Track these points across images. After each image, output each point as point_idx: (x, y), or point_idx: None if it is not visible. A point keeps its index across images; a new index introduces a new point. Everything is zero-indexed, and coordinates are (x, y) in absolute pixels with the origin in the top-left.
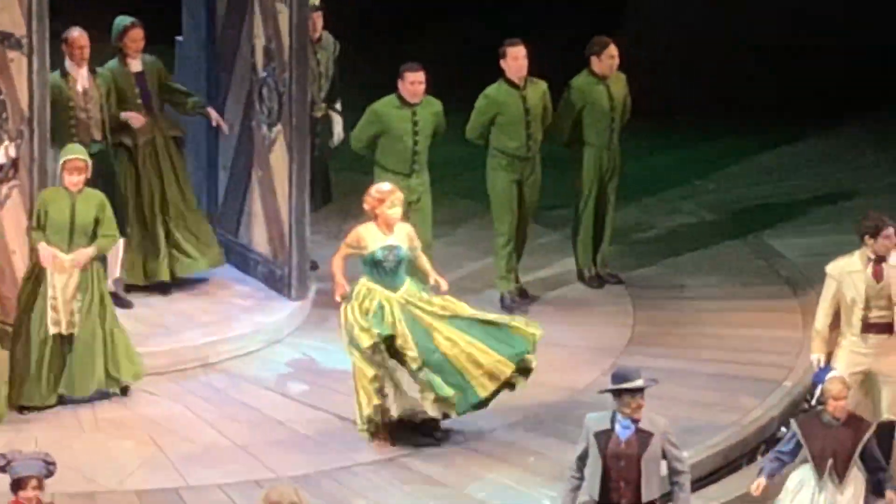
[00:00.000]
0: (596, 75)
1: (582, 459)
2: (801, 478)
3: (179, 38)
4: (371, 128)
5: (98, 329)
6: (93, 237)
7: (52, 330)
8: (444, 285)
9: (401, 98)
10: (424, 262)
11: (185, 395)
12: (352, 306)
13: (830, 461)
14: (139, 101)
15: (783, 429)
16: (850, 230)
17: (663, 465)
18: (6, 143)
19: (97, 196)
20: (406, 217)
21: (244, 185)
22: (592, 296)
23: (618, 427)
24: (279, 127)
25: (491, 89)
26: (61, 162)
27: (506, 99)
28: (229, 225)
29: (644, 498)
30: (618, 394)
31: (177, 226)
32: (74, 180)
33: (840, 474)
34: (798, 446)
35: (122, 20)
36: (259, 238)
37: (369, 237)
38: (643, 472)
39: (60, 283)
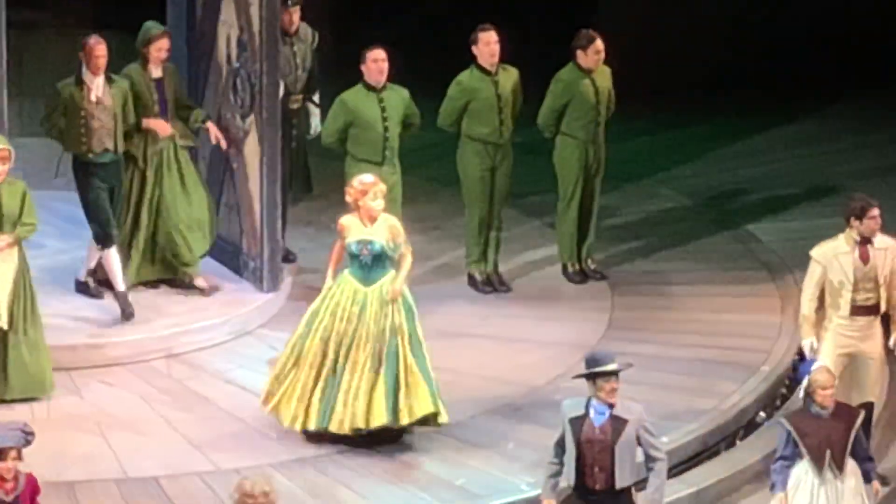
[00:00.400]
0: (581, 69)
1: (560, 445)
2: (797, 476)
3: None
4: (340, 118)
5: (29, 329)
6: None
7: None
8: (396, 291)
9: (367, 85)
10: (404, 264)
11: (143, 386)
12: (327, 294)
13: (828, 453)
14: (156, 108)
15: (761, 413)
16: (828, 214)
17: (640, 451)
18: None
19: (20, 185)
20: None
21: (221, 176)
22: (572, 284)
23: (592, 413)
24: (252, 118)
25: (463, 76)
26: None
27: (478, 85)
28: None
29: (618, 484)
30: (592, 378)
31: (178, 233)
32: (3, 169)
33: (839, 465)
34: (796, 445)
35: (151, 27)
36: (234, 229)
37: (351, 228)
38: (616, 458)
39: None
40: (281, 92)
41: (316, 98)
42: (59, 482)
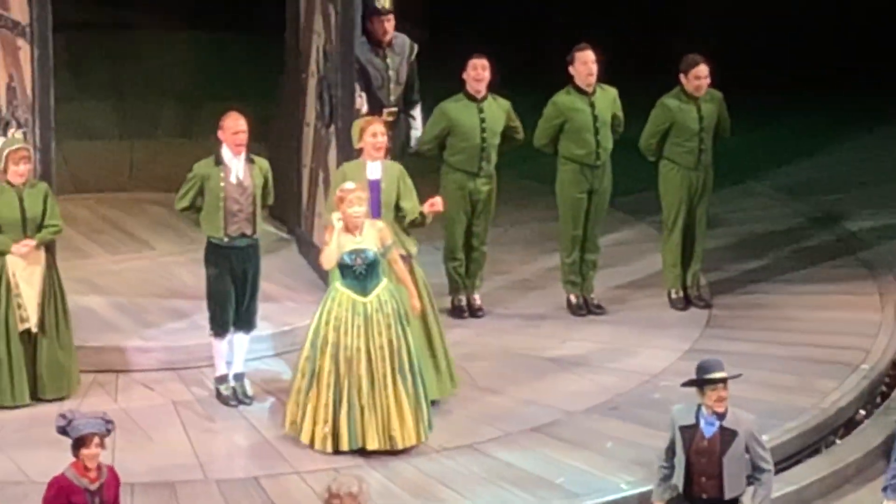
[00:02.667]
0: (686, 93)
1: (670, 450)
2: None
3: None
4: (437, 126)
5: (61, 328)
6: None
7: (21, 327)
8: (416, 308)
9: (468, 94)
10: (402, 273)
11: (182, 393)
12: (323, 310)
13: None
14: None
15: (861, 411)
16: None
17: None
18: (14, 129)
19: (42, 186)
20: (474, 214)
21: (314, 188)
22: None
23: (702, 423)
24: (332, 128)
25: (559, 96)
26: (5, 153)
27: (574, 105)
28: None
29: (727, 494)
30: (700, 386)
31: None
32: (21, 170)
33: None
34: None
35: (360, 122)
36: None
37: (342, 238)
38: (725, 469)
39: (23, 279)
40: (361, 104)
41: (416, 112)
42: (159, 482)
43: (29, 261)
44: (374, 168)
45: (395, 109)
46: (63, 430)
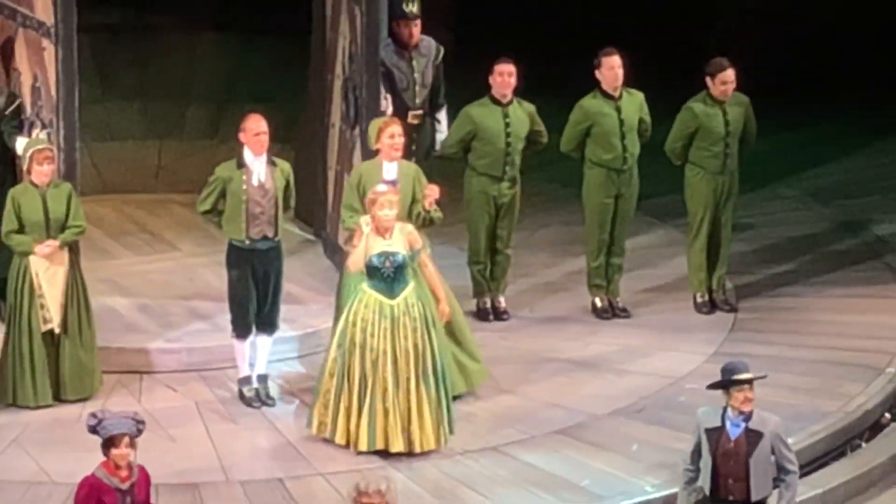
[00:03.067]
0: (712, 98)
1: (696, 453)
2: None
3: None
4: (462, 129)
5: (84, 329)
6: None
7: (44, 328)
8: (445, 314)
9: (492, 98)
10: (433, 278)
11: (205, 394)
12: (349, 312)
13: None
14: None
15: (886, 415)
16: None
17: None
18: (38, 129)
19: (65, 187)
20: (497, 218)
21: (339, 187)
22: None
23: (728, 424)
24: (357, 130)
25: (585, 100)
26: (29, 154)
27: (600, 109)
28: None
29: (753, 496)
30: (726, 387)
31: None
32: (45, 170)
33: None
34: None
35: (378, 122)
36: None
37: (372, 241)
38: (752, 471)
39: (47, 280)
40: (386, 107)
41: (441, 115)
42: (182, 484)
43: (52, 261)
44: (391, 169)
45: (420, 112)
46: (93, 430)
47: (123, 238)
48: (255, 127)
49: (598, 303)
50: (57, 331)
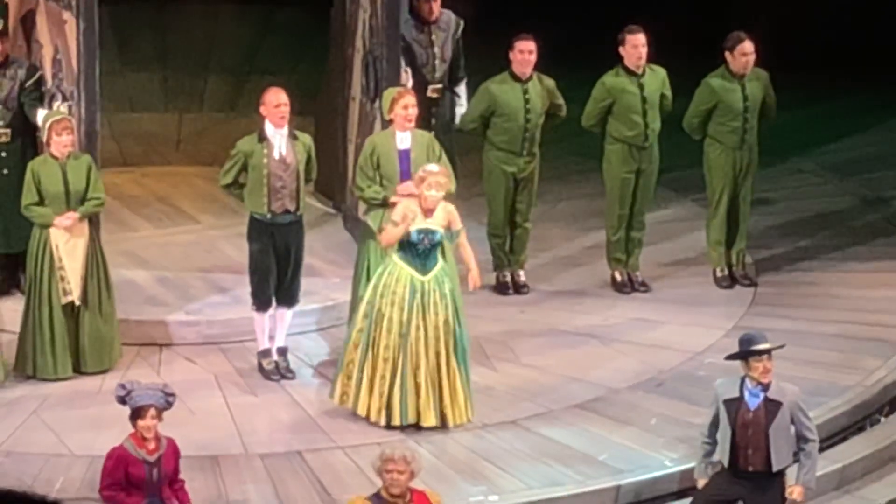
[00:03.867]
0: (731, 72)
1: (714, 425)
2: None
3: None
4: (481, 105)
5: (104, 302)
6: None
7: (64, 300)
8: (476, 283)
9: (512, 74)
10: (467, 252)
11: (224, 366)
12: (379, 282)
13: None
14: (398, 179)
15: None
16: None
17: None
18: (59, 101)
19: (85, 159)
20: (516, 192)
21: (344, 156)
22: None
23: (746, 395)
24: (377, 103)
25: (608, 77)
26: (48, 124)
27: (623, 86)
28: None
29: (774, 466)
30: (745, 358)
31: None
32: (64, 140)
33: None
34: None
35: (391, 92)
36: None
37: (414, 216)
38: (771, 440)
39: (67, 252)
40: (406, 80)
41: (461, 89)
42: (202, 456)
43: (72, 233)
44: (404, 138)
45: (439, 86)
46: (122, 400)
47: (143, 210)
48: (276, 100)
49: (618, 277)
50: (77, 303)
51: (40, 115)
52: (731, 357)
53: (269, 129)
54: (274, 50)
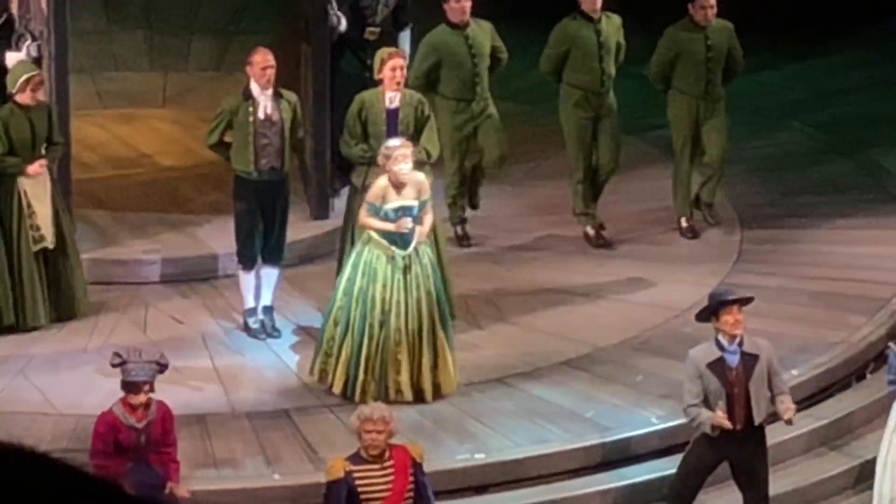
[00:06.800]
0: (694, 23)
1: (696, 395)
2: None
3: None
4: (427, 61)
5: (69, 245)
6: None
7: (38, 246)
8: (420, 238)
9: (450, 24)
10: (427, 217)
11: (211, 326)
12: (358, 260)
13: None
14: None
15: (891, 345)
16: None
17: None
18: (28, 41)
19: (44, 106)
20: (473, 137)
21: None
22: (698, 215)
23: (726, 354)
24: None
25: (564, 22)
26: (24, 79)
27: (579, 32)
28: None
29: (756, 419)
30: (715, 314)
31: None
32: (39, 95)
33: None
34: None
35: (382, 53)
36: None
37: (387, 194)
38: (752, 394)
39: (36, 198)
40: (338, 23)
41: (405, 35)
42: (188, 415)
43: (38, 180)
44: (393, 98)
45: (377, 29)
46: (116, 367)
47: (103, 151)
48: (263, 61)
49: (590, 231)
50: (51, 247)
51: (10, 58)
52: (700, 314)
53: (254, 88)
54: (260, 9)
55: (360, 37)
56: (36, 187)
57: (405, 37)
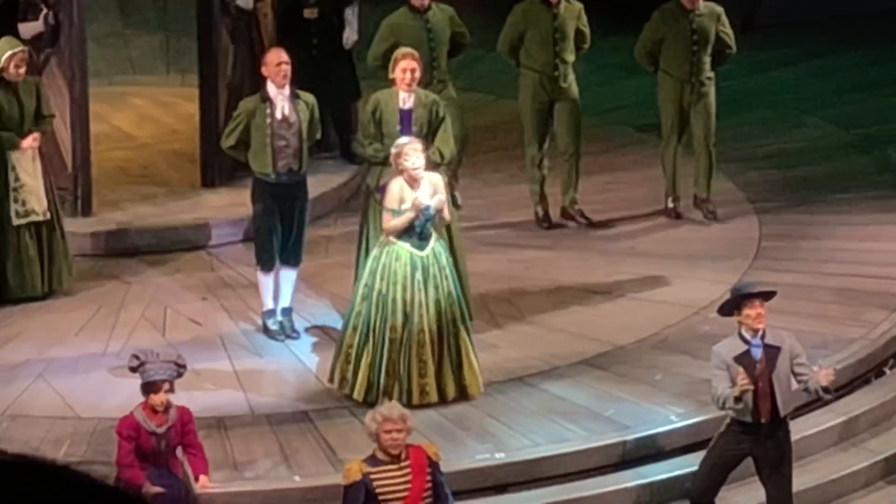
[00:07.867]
0: (681, 6)
1: (728, 387)
2: None
3: None
4: (385, 43)
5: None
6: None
7: (31, 218)
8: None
9: (411, 7)
10: (444, 212)
11: (230, 328)
12: (376, 264)
13: None
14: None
15: None
16: None
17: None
18: (44, 10)
19: (32, 80)
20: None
21: None
22: (718, 213)
23: (751, 347)
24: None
25: (523, 4)
26: (7, 55)
27: (537, 15)
28: None
29: (781, 411)
30: (738, 307)
31: None
32: (23, 71)
33: None
34: None
35: (397, 53)
36: None
37: (403, 195)
38: (776, 386)
39: (28, 172)
40: (247, 3)
41: (351, 11)
42: (208, 417)
43: (26, 153)
44: (406, 98)
45: (314, 8)
46: (134, 370)
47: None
48: (277, 58)
49: (540, 212)
50: (44, 218)
51: (24, 28)
52: (723, 307)
53: (271, 89)
54: None
55: (299, 17)
56: (27, 161)
57: (352, 14)
